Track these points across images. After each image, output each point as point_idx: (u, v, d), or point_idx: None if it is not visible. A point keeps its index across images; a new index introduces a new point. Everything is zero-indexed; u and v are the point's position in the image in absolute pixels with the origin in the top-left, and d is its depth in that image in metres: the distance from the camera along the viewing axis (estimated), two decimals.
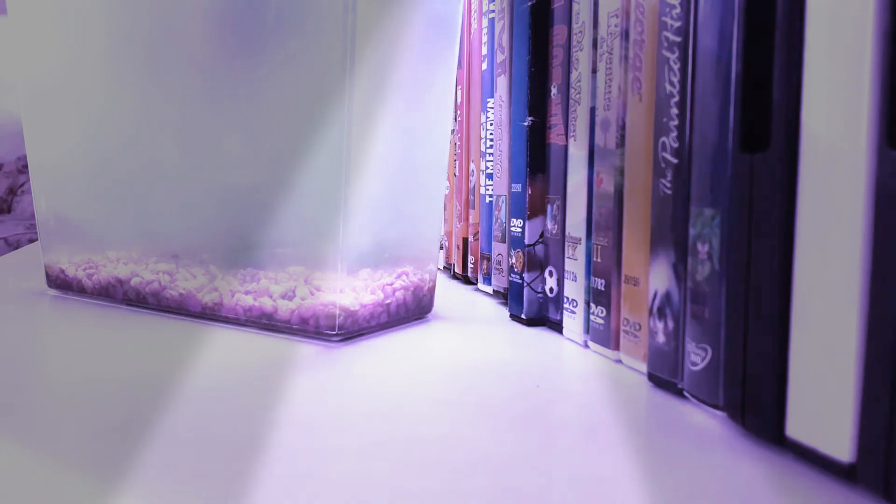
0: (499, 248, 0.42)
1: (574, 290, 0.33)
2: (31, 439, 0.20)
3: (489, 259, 0.45)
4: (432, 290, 0.39)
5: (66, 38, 0.41)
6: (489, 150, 0.45)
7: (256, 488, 0.17)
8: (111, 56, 0.39)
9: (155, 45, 0.37)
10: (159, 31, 0.37)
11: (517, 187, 0.38)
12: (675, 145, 0.24)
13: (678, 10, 0.24)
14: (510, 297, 0.39)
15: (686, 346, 0.24)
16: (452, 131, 0.54)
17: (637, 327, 0.28)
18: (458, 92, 0.53)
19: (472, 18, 0.49)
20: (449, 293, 0.49)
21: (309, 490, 0.17)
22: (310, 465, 0.19)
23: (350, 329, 0.33)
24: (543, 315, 0.37)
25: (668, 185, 0.25)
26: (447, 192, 0.56)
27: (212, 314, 0.36)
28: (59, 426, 0.21)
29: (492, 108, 0.45)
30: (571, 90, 0.33)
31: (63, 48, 0.41)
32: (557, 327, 0.35)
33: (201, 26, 0.35)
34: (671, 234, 0.25)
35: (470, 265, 0.50)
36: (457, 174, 0.54)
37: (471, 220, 0.50)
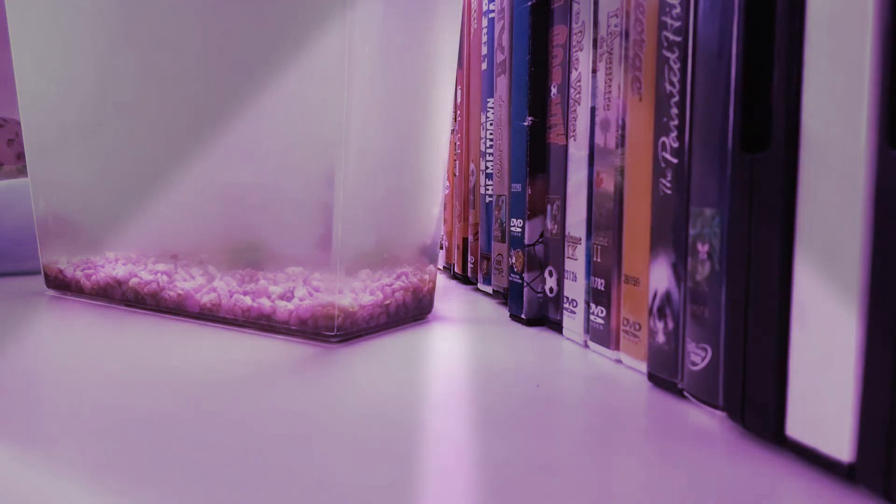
0: (499, 248, 0.42)
1: (574, 289, 0.33)
2: (30, 440, 0.20)
3: (489, 259, 0.45)
4: (432, 290, 0.39)
5: (64, 37, 0.41)
6: (489, 150, 0.45)
7: (253, 491, 0.17)
8: (109, 56, 0.39)
9: (153, 44, 0.37)
10: (157, 31, 0.37)
11: (517, 187, 0.38)
12: (675, 145, 0.24)
13: (678, 9, 0.24)
14: (510, 297, 0.39)
15: (686, 345, 0.24)
16: (452, 131, 0.54)
17: (637, 327, 0.28)
18: (458, 92, 0.53)
19: (472, 18, 0.49)
20: (449, 293, 0.49)
21: (307, 493, 0.17)
22: (308, 467, 0.19)
23: (349, 330, 0.33)
24: (543, 315, 0.37)
25: (668, 184, 0.25)
26: (447, 192, 0.56)
27: (210, 315, 0.36)
28: (58, 427, 0.21)
29: (492, 107, 0.45)
30: (571, 90, 0.33)
31: (61, 48, 0.41)
32: (557, 327, 0.35)
33: (199, 26, 0.35)
34: (671, 234, 0.25)
35: (470, 265, 0.50)
36: (457, 174, 0.54)
37: (471, 220, 0.50)
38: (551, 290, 0.36)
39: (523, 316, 0.37)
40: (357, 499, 0.17)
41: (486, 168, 0.46)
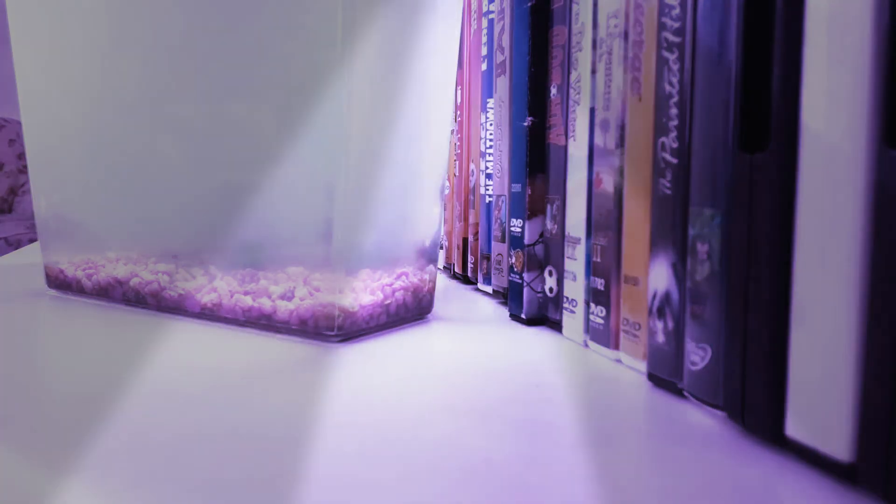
0: (499, 248, 0.42)
1: (574, 289, 0.33)
2: (30, 441, 0.20)
3: (489, 259, 0.45)
4: (432, 290, 0.39)
5: (64, 37, 0.41)
6: (489, 150, 0.45)
7: (252, 491, 0.17)
8: (110, 55, 0.39)
9: (154, 44, 0.37)
10: (158, 30, 0.37)
11: (517, 187, 0.38)
12: (675, 145, 0.24)
13: (677, 10, 0.24)
14: (510, 296, 0.39)
15: (686, 345, 0.24)
16: (452, 131, 0.54)
17: (637, 327, 0.28)
18: (458, 92, 0.53)
19: (472, 18, 0.49)
20: (449, 293, 0.49)
21: (307, 493, 0.17)
22: (307, 468, 0.19)
23: (349, 330, 0.33)
24: (543, 315, 0.37)
25: (668, 185, 0.25)
26: (447, 192, 0.56)
27: (211, 315, 0.36)
28: (58, 427, 0.21)
29: (491, 108, 0.45)
30: (571, 90, 0.33)
31: (62, 48, 0.41)
32: (557, 327, 0.35)
33: (200, 25, 0.35)
34: (671, 234, 0.25)
35: (470, 265, 0.50)
36: (457, 174, 0.54)
37: (471, 220, 0.50)
38: (551, 289, 0.36)
39: (523, 316, 0.37)
40: (357, 498, 0.17)
41: (486, 168, 0.46)
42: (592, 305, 0.31)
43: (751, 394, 0.20)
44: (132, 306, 0.40)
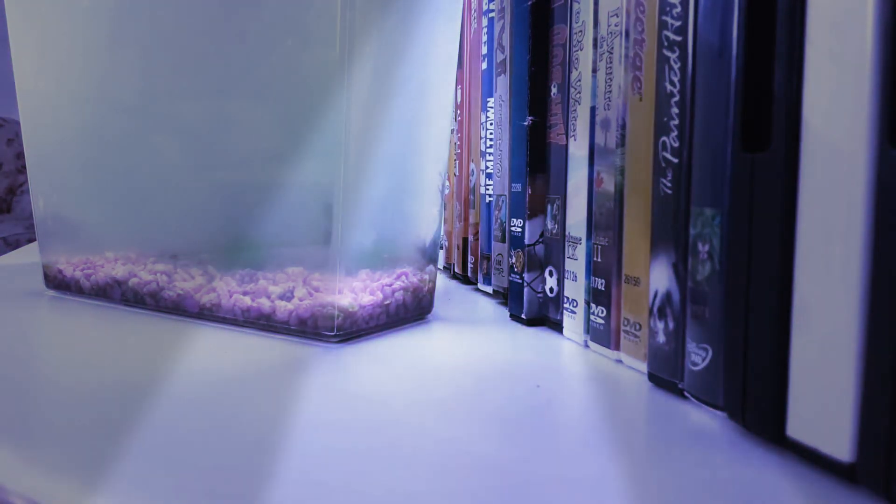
0: (499, 248, 0.42)
1: (574, 289, 0.33)
2: (29, 440, 0.20)
3: (489, 259, 0.45)
4: (432, 290, 0.39)
5: (64, 37, 0.41)
6: (489, 150, 0.45)
7: (252, 491, 0.17)
8: (109, 55, 0.39)
9: (152, 43, 0.37)
10: (157, 30, 0.37)
11: (517, 187, 0.38)
12: (676, 145, 0.24)
13: (678, 9, 0.24)
14: (510, 297, 0.39)
15: (686, 346, 0.24)
16: (452, 131, 0.54)
17: (637, 327, 0.28)
18: (458, 91, 0.53)
19: (472, 18, 0.49)
20: (449, 293, 0.49)
21: (306, 493, 0.17)
22: (307, 467, 0.19)
23: (349, 330, 0.33)
24: (543, 315, 0.37)
25: (669, 184, 0.25)
26: (447, 191, 0.56)
27: (210, 315, 0.36)
28: (57, 427, 0.21)
29: (492, 107, 0.45)
30: (572, 89, 0.33)
31: (60, 48, 0.41)
32: (557, 327, 0.35)
33: (199, 24, 0.35)
34: (672, 234, 0.25)
35: (470, 265, 0.50)
36: (457, 174, 0.54)
37: (471, 220, 0.50)
38: (551, 290, 0.36)
39: (523, 316, 0.37)
40: (357, 499, 0.17)
41: (486, 168, 0.45)
42: (593, 306, 0.31)
43: (752, 394, 0.20)
44: (131, 306, 0.40)
